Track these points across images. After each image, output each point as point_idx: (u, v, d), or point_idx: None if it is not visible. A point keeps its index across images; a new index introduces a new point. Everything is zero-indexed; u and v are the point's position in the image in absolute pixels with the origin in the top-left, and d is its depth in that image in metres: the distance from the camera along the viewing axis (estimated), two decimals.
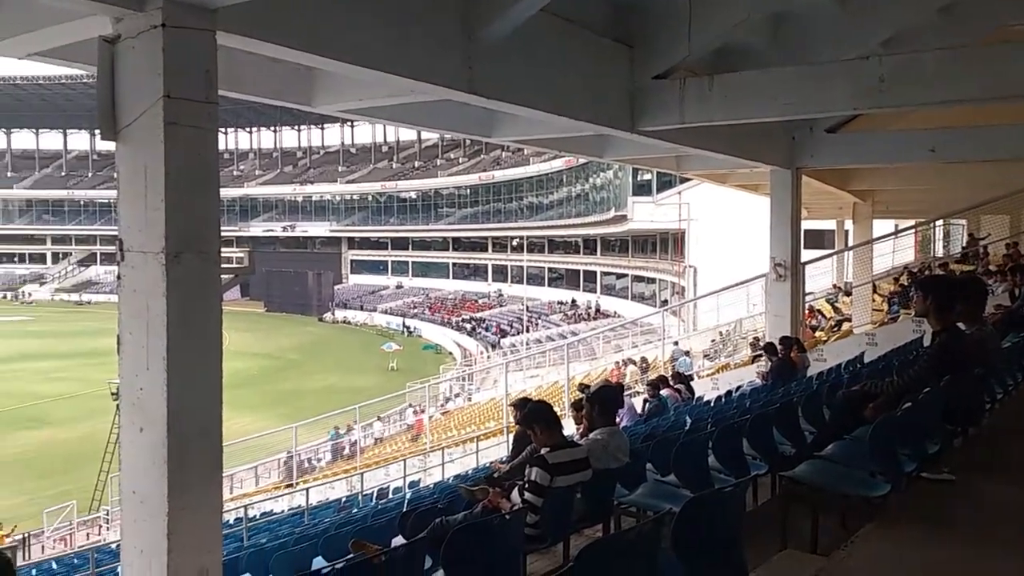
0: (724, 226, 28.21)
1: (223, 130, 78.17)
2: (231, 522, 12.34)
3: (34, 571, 12.64)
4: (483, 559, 3.63)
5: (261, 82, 6.68)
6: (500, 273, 62.27)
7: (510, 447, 8.77)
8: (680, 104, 7.87)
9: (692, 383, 13.22)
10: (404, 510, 7.43)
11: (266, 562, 6.12)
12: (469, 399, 30.58)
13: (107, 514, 19.29)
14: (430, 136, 72.71)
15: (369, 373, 39.25)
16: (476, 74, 6.10)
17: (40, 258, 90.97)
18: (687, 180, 26.80)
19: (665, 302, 35.97)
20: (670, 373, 13.56)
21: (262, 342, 48.62)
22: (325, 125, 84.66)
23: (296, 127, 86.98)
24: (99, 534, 18.50)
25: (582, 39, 7.40)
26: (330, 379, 38.30)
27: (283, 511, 15.13)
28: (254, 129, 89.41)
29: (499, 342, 45.16)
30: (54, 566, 12.79)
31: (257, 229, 79.15)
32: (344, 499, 14.61)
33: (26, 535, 17.24)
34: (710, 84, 7.82)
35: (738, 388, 11.73)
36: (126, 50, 4.12)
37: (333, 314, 65.64)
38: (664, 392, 11.25)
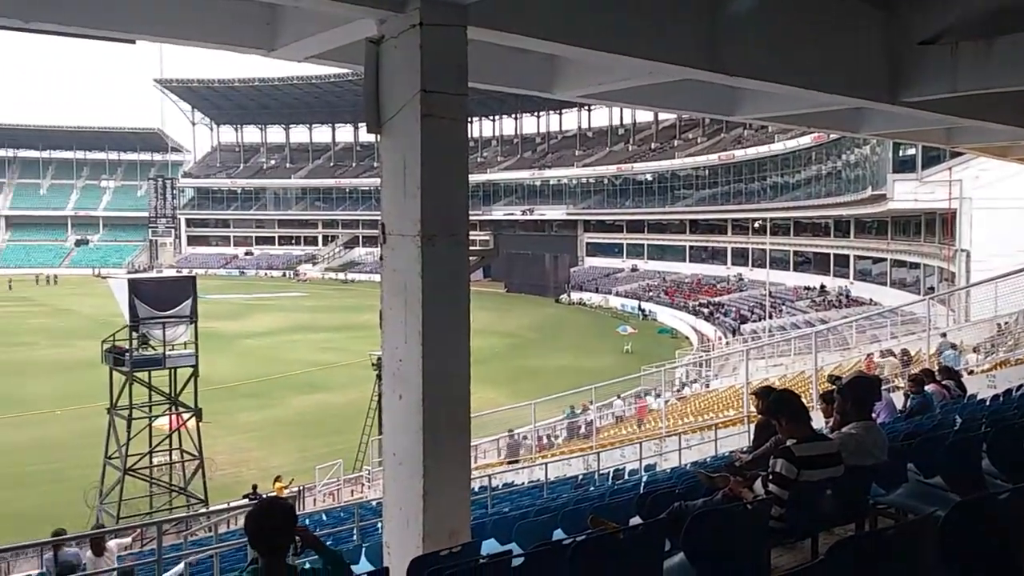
0: (1004, 206, 25.12)
1: (469, 119, 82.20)
2: (476, 490, 13.07)
3: (307, 520, 14.21)
4: (724, 547, 3.57)
5: (505, 72, 6.94)
6: (740, 256, 59.95)
7: (751, 437, 8.49)
8: (952, 71, 7.08)
9: (962, 379, 11.94)
10: (641, 491, 7.47)
11: (509, 530, 6.43)
12: (707, 385, 29.92)
13: (368, 473, 21.18)
14: (667, 117, 71.44)
15: (604, 355, 39.64)
16: (718, 51, 5.92)
17: (313, 240, 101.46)
18: (959, 155, 24.13)
19: (931, 289, 32.74)
20: (936, 367, 12.35)
21: (503, 321, 50.76)
22: (563, 110, 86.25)
23: (535, 114, 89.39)
24: (362, 492, 20.38)
25: (832, 5, 6.91)
26: (565, 359, 39.17)
27: (523, 483, 15.76)
28: (497, 117, 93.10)
29: (739, 328, 43.60)
30: (324, 518, 14.31)
31: (499, 213, 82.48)
32: (581, 476, 14.93)
33: (301, 488, 19.43)
34: (989, 47, 6.96)
35: (1020, 387, 10.44)
36: (388, 49, 4.48)
37: (569, 296, 66.97)
38: (929, 388, 10.26)
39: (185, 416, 19.30)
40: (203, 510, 18.01)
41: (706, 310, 50.80)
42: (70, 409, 26.88)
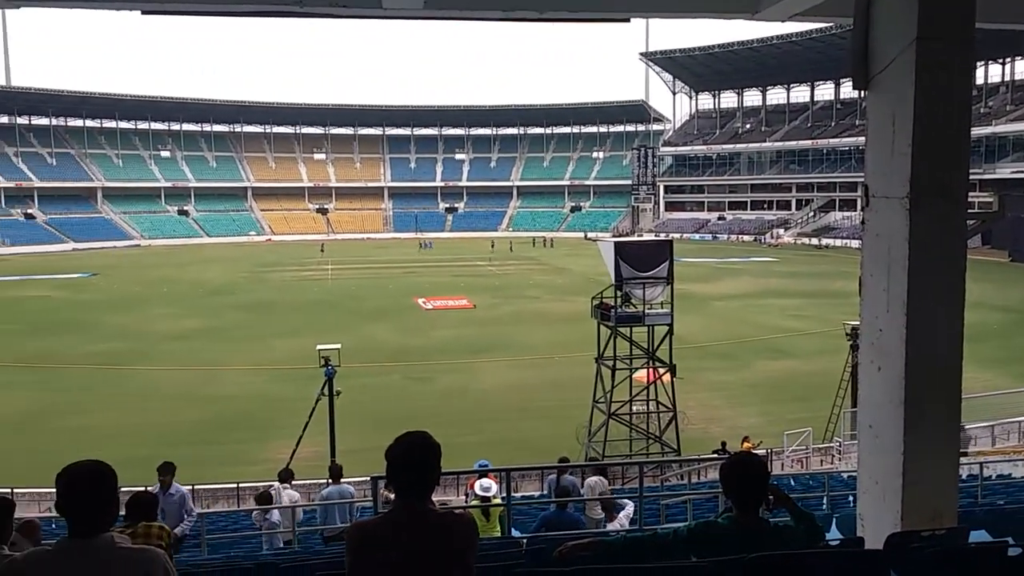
0: None
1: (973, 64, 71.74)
2: (964, 478, 11.76)
3: (774, 483, 14.23)
4: None
5: (1018, 7, 6.00)
6: None
7: None
8: None
9: None
10: None
11: (1004, 523, 5.75)
12: None
13: (839, 445, 20.33)
14: None
15: None
16: None
17: (786, 204, 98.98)
18: None
19: None
20: None
21: (1005, 294, 43.88)
22: None
23: None
24: (831, 462, 19.68)
25: None
26: None
27: (1022, 477, 13.71)
28: (1007, 59, 79.55)
29: None
30: (792, 483, 14.18)
31: (1005, 171, 70.87)
32: None
33: (769, 450, 19.46)
34: None
35: None
36: None
37: None
38: None
39: (661, 371, 20.60)
40: (677, 458, 19.20)
41: None
42: (565, 356, 30.58)
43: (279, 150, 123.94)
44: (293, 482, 12.41)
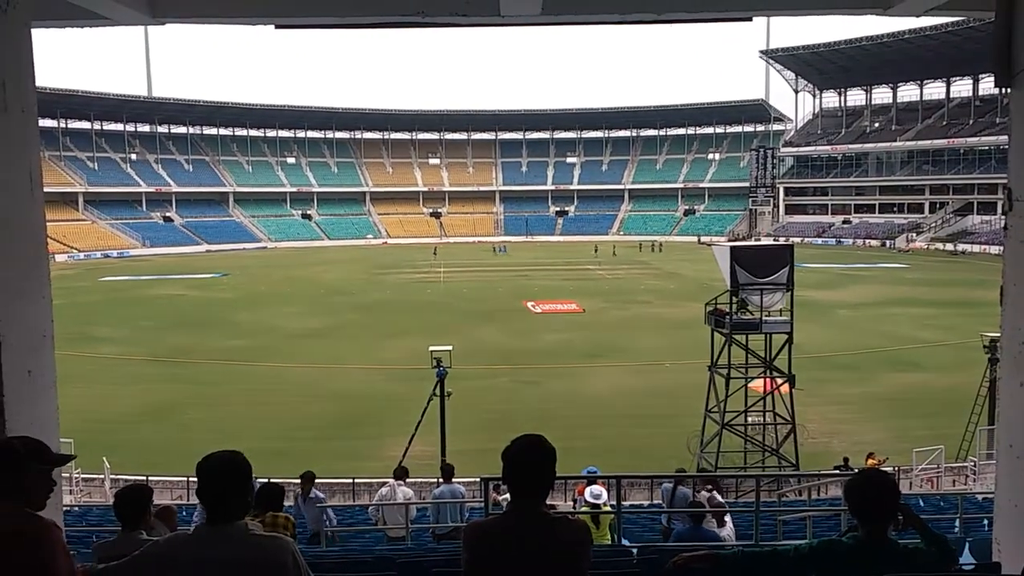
0: None
1: None
2: None
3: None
4: None
5: None
6: None
7: None
8: None
9: None
10: None
11: None
12: None
13: (974, 465, 19.17)
14: None
15: None
16: None
17: (918, 208, 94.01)
18: None
19: None
20: None
21: None
22: None
23: None
24: (965, 483, 18.57)
25: None
26: None
27: None
28: None
29: None
30: (920, 503, 13.45)
31: None
32: None
33: (896, 468, 18.53)
34: None
35: None
36: None
37: None
38: None
39: (779, 380, 19.96)
40: (795, 473, 18.54)
41: None
42: (677, 362, 30.11)
43: (396, 155, 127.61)
44: (407, 479, 12.73)
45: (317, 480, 10.50)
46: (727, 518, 9.31)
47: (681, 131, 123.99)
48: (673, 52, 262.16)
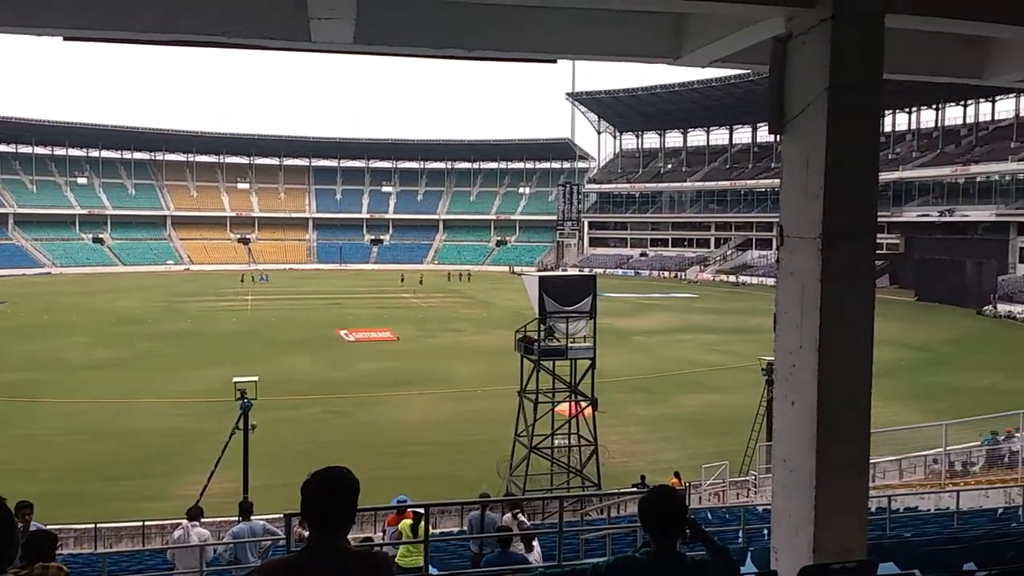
0: None
1: (881, 113, 75.65)
2: (872, 511, 12.09)
3: (692, 516, 14.38)
4: None
5: (924, 60, 6.30)
6: None
7: None
8: None
9: None
10: None
11: (911, 555, 5.89)
12: None
13: (755, 479, 20.73)
14: None
15: None
16: None
17: (705, 242, 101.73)
18: None
19: None
20: None
21: (912, 332, 45.91)
22: (997, 97, 75.04)
23: (961, 102, 79.15)
24: (747, 496, 20.02)
25: None
26: (989, 378, 34.16)
27: (928, 510, 14.20)
28: (914, 109, 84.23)
29: None
30: (709, 516, 14.36)
31: (911, 214, 74.67)
32: (1001, 510, 12.99)
33: (687, 484, 19.67)
34: None
35: None
36: (796, 46, 4.39)
37: (995, 308, 58.04)
38: None
39: (583, 404, 20.70)
40: (597, 492, 19.21)
41: None
42: (489, 389, 30.47)
43: (202, 179, 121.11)
44: (203, 520, 11.90)
45: (100, 525, 9.55)
46: (535, 541, 9.45)
47: (494, 165, 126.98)
48: (489, 89, 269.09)
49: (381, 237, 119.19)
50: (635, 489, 17.67)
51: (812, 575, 3.48)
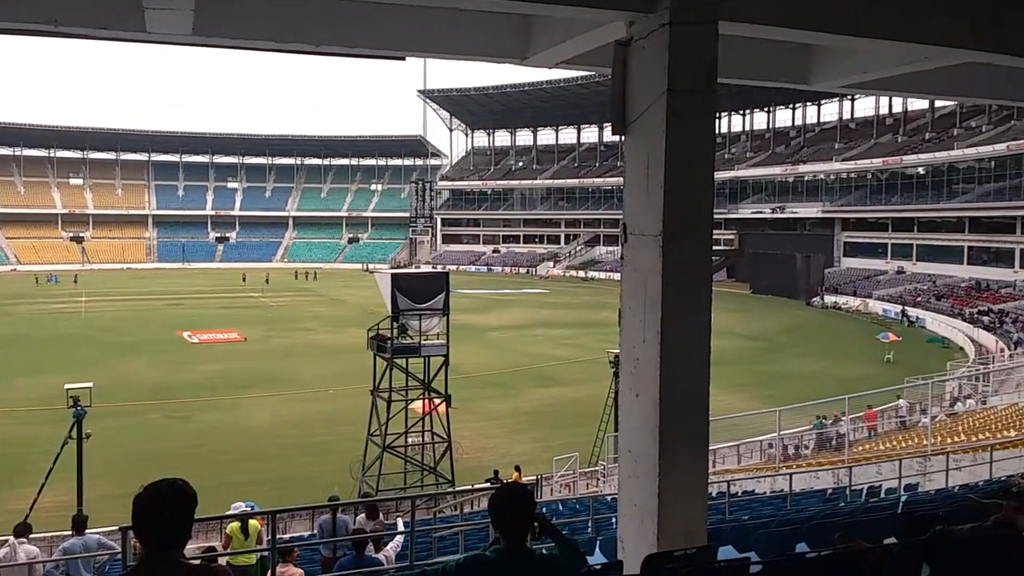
0: None
1: (717, 115, 79.98)
2: (713, 495, 12.75)
3: (544, 509, 14.66)
4: None
5: (756, 66, 6.66)
6: None
7: None
8: None
9: None
10: (899, 511, 6.90)
11: (748, 538, 6.23)
12: (983, 402, 26.82)
13: (604, 468, 21.40)
14: (945, 104, 64.72)
15: (861, 363, 36.88)
16: (1007, 30, 5.29)
17: (556, 239, 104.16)
18: None
19: None
20: None
21: (748, 323, 48.94)
22: (822, 101, 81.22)
23: (790, 106, 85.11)
24: (597, 486, 20.63)
25: None
26: (818, 365, 36.98)
27: (764, 493, 15.12)
28: (747, 111, 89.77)
29: None
30: (560, 508, 14.70)
31: (746, 211, 79.57)
32: (830, 491, 14.05)
33: (539, 476, 20.06)
34: None
35: None
36: (636, 50, 4.51)
37: (822, 299, 62.96)
38: None
39: (436, 401, 20.65)
40: (450, 490, 19.21)
41: (986, 318, 45.47)
42: (341, 388, 29.85)
43: (30, 174, 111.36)
44: (31, 536, 10.95)
45: None
46: (391, 542, 9.30)
47: (345, 161, 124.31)
48: (340, 85, 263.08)
49: (227, 235, 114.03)
50: (488, 484, 17.82)
51: (656, 563, 3.59)
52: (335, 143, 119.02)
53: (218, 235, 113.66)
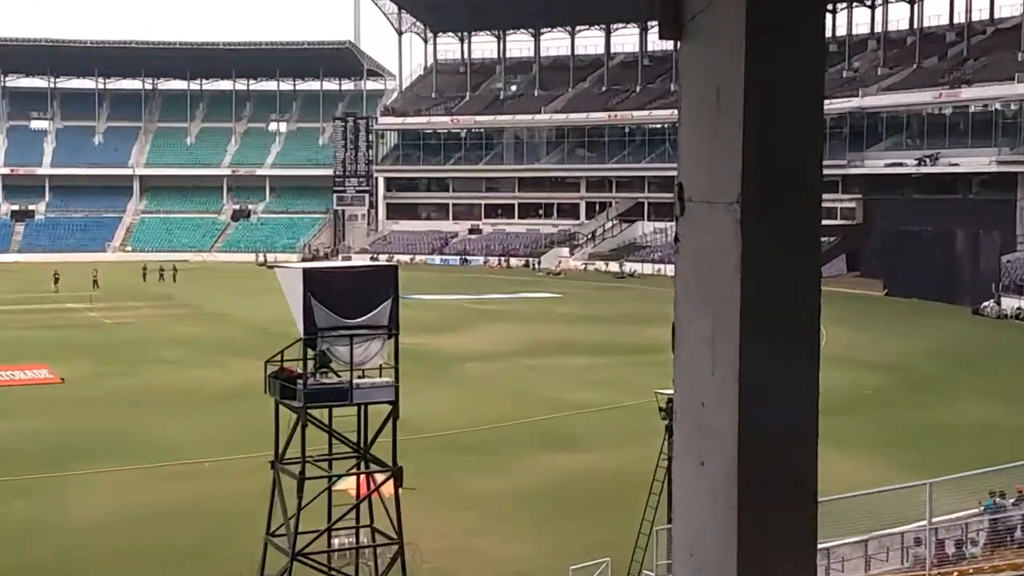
0: None
1: (829, 6, 79.07)
2: None
3: None
4: None
5: None
6: None
7: None
8: None
9: None
10: None
11: None
12: None
13: None
14: None
15: None
16: None
17: (572, 210, 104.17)
18: None
19: None
20: None
21: (880, 344, 49.12)
22: None
23: None
24: None
25: None
26: (992, 411, 37.06)
27: None
28: (877, 2, 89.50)
29: None
30: None
31: (876, 163, 79.45)
32: None
33: None
34: None
35: None
36: None
37: (999, 303, 62.88)
38: None
39: (379, 478, 20.59)
40: None
41: None
42: (223, 459, 29.81)
43: None
44: None
45: None
46: None
47: (227, 85, 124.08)
48: None
49: (30, 207, 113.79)
50: None
51: None
52: (209, 54, 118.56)
53: (16, 207, 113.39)
